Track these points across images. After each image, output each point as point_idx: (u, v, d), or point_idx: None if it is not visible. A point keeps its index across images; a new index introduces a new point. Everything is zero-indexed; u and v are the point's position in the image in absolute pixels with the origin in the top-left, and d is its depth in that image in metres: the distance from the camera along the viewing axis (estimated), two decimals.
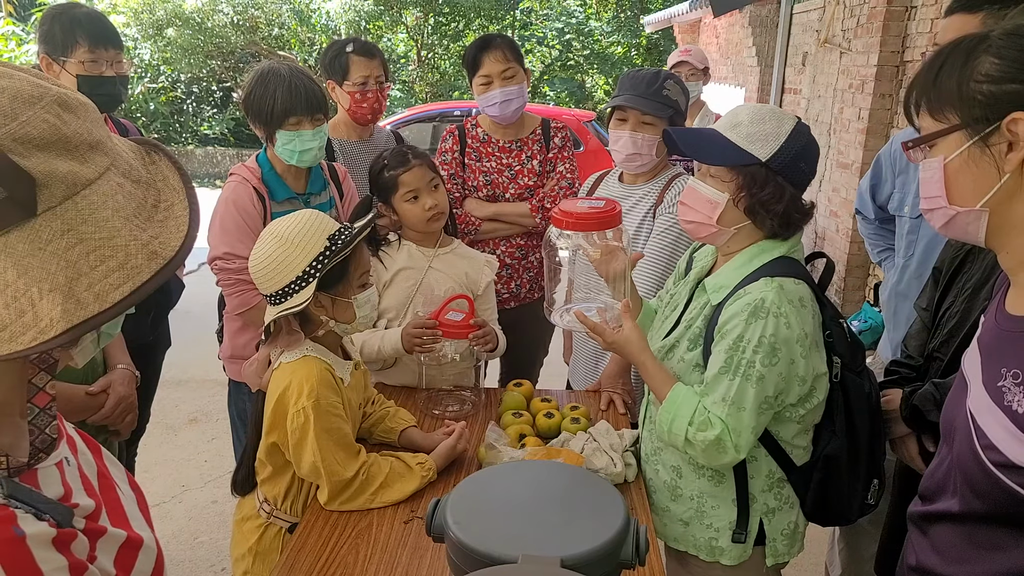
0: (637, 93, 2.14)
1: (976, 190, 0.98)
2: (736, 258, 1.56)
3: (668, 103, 2.14)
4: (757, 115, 1.49)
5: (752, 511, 1.61)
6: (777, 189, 1.47)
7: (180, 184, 0.73)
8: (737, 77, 8.89)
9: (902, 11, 4.61)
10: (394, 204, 2.18)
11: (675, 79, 2.19)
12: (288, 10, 14.77)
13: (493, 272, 2.33)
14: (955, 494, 1.05)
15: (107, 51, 2.22)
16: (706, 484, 1.63)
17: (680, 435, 1.50)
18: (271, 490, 1.71)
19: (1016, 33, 0.94)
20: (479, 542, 0.97)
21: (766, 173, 1.47)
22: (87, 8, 2.30)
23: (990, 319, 1.07)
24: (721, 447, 1.46)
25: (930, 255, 2.18)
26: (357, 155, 2.75)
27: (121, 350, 1.90)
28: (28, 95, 0.63)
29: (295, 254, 1.55)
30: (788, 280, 1.48)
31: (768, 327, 1.43)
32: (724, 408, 1.46)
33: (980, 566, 1.01)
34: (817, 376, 1.51)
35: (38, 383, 0.73)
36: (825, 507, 1.63)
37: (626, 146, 2.19)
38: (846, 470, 1.58)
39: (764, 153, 1.46)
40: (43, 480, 0.72)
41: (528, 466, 1.22)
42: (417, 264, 2.22)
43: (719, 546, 1.63)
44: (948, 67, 0.98)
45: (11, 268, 0.60)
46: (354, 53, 2.62)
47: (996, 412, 0.96)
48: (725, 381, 1.47)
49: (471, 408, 2.15)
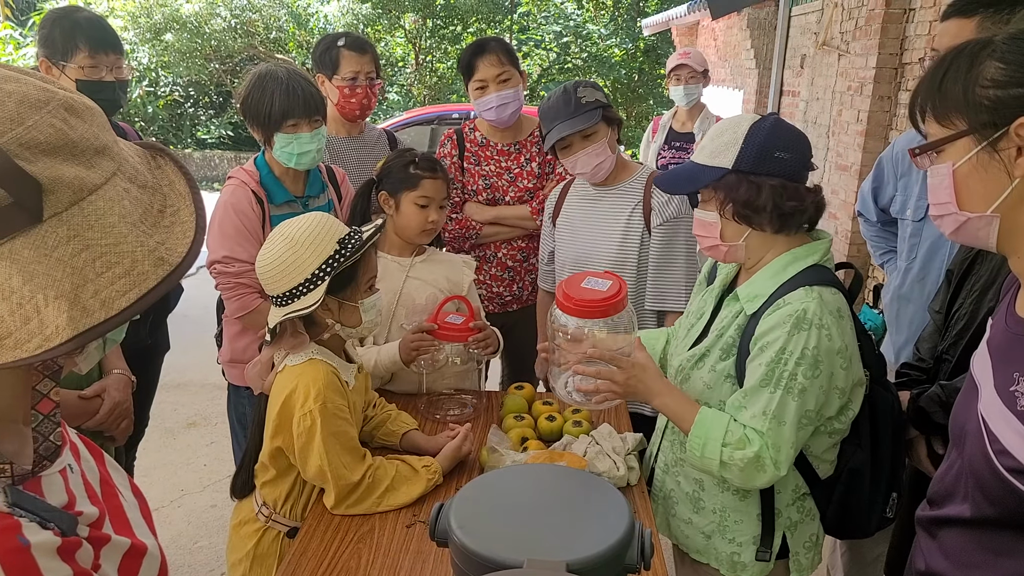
0: (563, 119, 2.16)
1: (986, 195, 0.98)
2: (769, 267, 1.54)
3: (591, 107, 2.15)
4: (715, 131, 1.55)
5: (776, 526, 1.59)
6: (751, 187, 1.48)
7: (186, 189, 0.72)
8: (735, 79, 8.89)
9: (900, 13, 4.62)
10: (401, 199, 2.14)
11: (582, 84, 2.20)
12: (286, 14, 14.77)
13: (472, 271, 2.31)
14: (966, 499, 1.04)
15: (107, 56, 2.20)
16: (730, 498, 1.61)
17: (714, 459, 1.46)
18: (271, 493, 1.71)
19: (1020, 38, 0.94)
20: (484, 546, 0.97)
21: (736, 177, 1.48)
22: (88, 12, 2.28)
23: (999, 322, 1.06)
24: (760, 465, 1.43)
25: (932, 258, 2.18)
26: (345, 152, 2.74)
27: (117, 355, 1.89)
28: (35, 99, 0.62)
29: (305, 256, 1.54)
30: (827, 290, 1.47)
31: (811, 339, 1.41)
32: (764, 422, 1.43)
33: (991, 571, 1.01)
34: (855, 387, 1.50)
35: (42, 389, 0.72)
36: (845, 520, 1.61)
37: (584, 164, 2.21)
38: (868, 483, 1.57)
39: (728, 161, 1.49)
40: (47, 488, 0.71)
41: (532, 469, 1.22)
42: (394, 276, 2.18)
43: (741, 561, 1.61)
44: (953, 73, 0.98)
45: (16, 274, 0.60)
46: (345, 48, 2.60)
47: (1009, 417, 0.95)
48: (765, 394, 1.44)
49: (472, 411, 2.14)
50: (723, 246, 1.56)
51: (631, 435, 1.87)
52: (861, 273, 1.67)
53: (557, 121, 2.17)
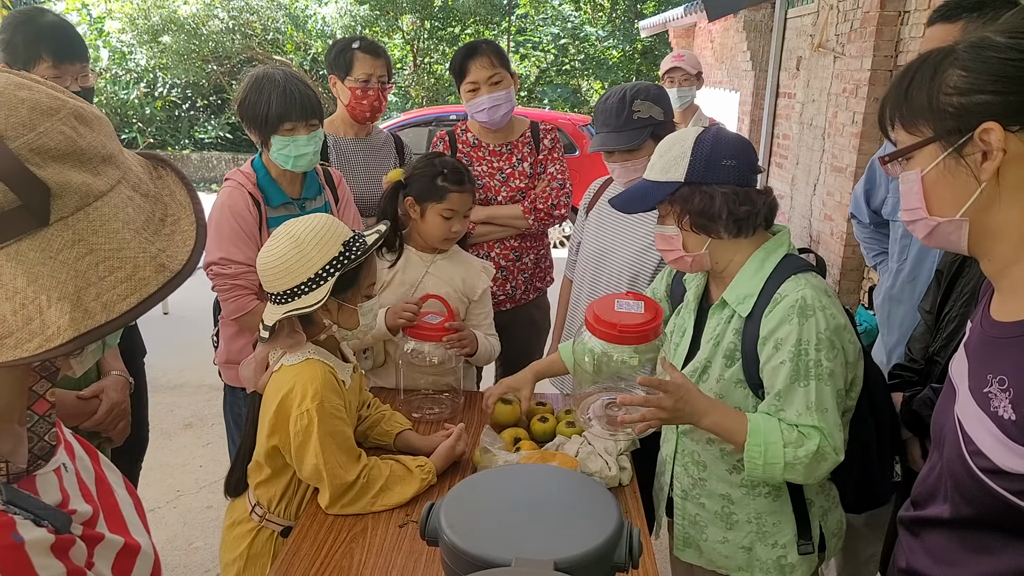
0: (611, 129, 2.18)
1: (955, 200, 0.99)
2: (747, 267, 1.57)
3: (642, 124, 2.16)
4: (663, 148, 1.60)
5: (811, 517, 1.61)
6: (704, 197, 1.52)
7: (187, 199, 0.74)
8: (732, 81, 8.91)
9: (895, 16, 4.64)
10: (427, 209, 2.17)
11: (643, 92, 2.19)
12: (283, 15, 14.78)
13: (489, 278, 2.33)
14: (946, 500, 1.06)
15: (72, 66, 2.12)
16: (763, 503, 1.61)
17: (778, 462, 1.44)
18: (266, 493, 1.71)
19: (980, 45, 0.95)
20: (473, 545, 0.98)
21: (688, 189, 1.53)
22: (52, 16, 2.15)
23: (976, 325, 1.08)
24: (822, 456, 1.43)
25: (923, 260, 2.20)
26: (352, 153, 2.76)
27: (114, 356, 1.90)
28: (46, 107, 0.64)
29: (310, 255, 1.56)
30: (810, 275, 1.52)
31: (821, 323, 1.45)
32: (813, 416, 1.44)
33: (969, 569, 1.02)
34: (857, 360, 1.53)
35: (38, 390, 0.73)
36: (862, 494, 1.64)
37: (622, 175, 2.25)
38: (875, 452, 1.60)
39: (679, 174, 1.54)
40: (41, 486, 0.72)
41: (522, 469, 1.23)
42: (415, 269, 2.23)
43: (789, 563, 1.61)
44: (918, 81, 1.00)
45: (21, 275, 0.61)
46: (360, 50, 2.65)
47: (983, 418, 0.97)
48: (800, 390, 1.45)
49: (449, 411, 2.15)
50: (687, 256, 1.60)
51: (623, 435, 1.88)
52: (823, 258, 1.71)
53: (605, 129, 2.19)
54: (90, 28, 14.46)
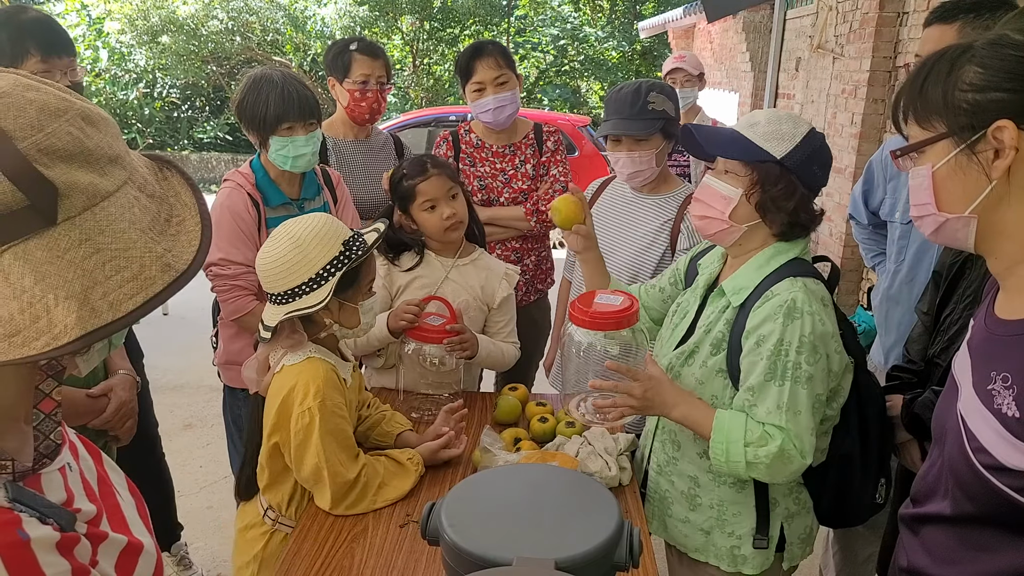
0: (623, 116, 2.16)
1: (964, 197, 1.00)
2: (752, 260, 1.57)
3: (655, 116, 2.15)
4: (774, 117, 1.54)
5: (773, 516, 1.61)
6: (789, 186, 1.50)
7: (192, 200, 0.75)
8: (731, 82, 8.93)
9: (894, 17, 4.65)
10: (412, 213, 2.18)
11: (658, 87, 2.19)
12: (283, 16, 14.78)
13: (511, 285, 2.31)
14: (946, 496, 1.06)
15: (60, 59, 2.08)
16: (727, 491, 1.63)
17: (740, 461, 1.46)
18: (275, 496, 1.72)
19: (999, 43, 0.96)
20: (474, 545, 0.98)
21: (780, 170, 1.50)
22: (35, 13, 2.11)
23: (979, 323, 1.09)
24: (786, 457, 1.43)
25: (920, 261, 2.20)
26: (351, 155, 2.76)
27: (121, 356, 1.90)
28: (54, 108, 0.65)
29: (311, 255, 1.56)
30: (810, 280, 1.51)
31: (806, 326, 1.44)
32: (781, 416, 1.44)
33: (970, 567, 1.02)
34: (844, 372, 1.53)
35: (44, 389, 0.74)
36: (840, 508, 1.64)
37: (626, 166, 2.22)
38: (859, 469, 1.60)
39: (779, 151, 1.49)
40: (46, 485, 0.73)
41: (523, 469, 1.23)
42: (434, 273, 2.22)
43: (742, 554, 1.63)
44: (934, 77, 1.00)
45: (28, 274, 0.62)
46: (358, 51, 2.64)
47: (986, 415, 0.97)
48: (774, 388, 1.45)
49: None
50: (724, 223, 1.55)
51: (623, 436, 1.88)
52: (838, 266, 1.70)
53: (617, 116, 2.17)
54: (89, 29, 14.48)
